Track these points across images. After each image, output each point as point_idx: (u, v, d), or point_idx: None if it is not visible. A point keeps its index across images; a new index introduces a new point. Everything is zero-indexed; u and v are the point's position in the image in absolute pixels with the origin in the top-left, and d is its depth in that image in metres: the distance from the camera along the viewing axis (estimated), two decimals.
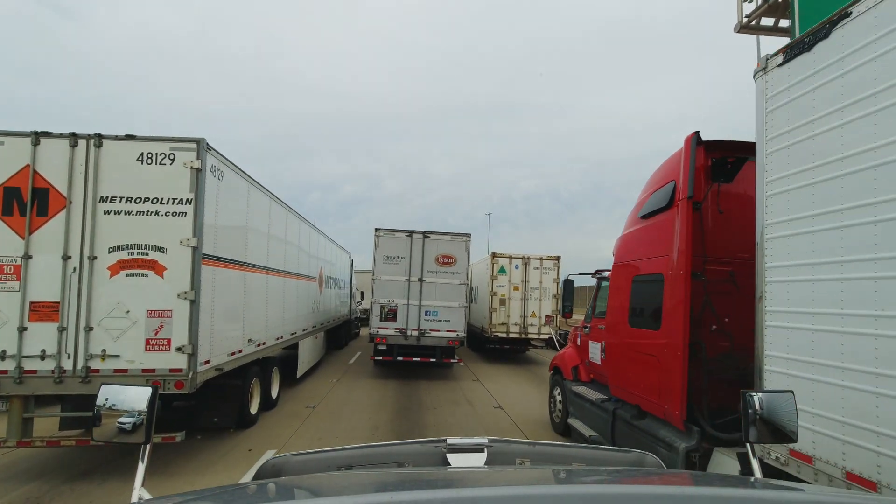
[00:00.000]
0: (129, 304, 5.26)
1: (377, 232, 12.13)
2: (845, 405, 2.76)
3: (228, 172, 6.37)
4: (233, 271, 6.57)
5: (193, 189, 5.45)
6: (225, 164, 6.23)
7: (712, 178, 4.57)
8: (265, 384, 8.09)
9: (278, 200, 8.85)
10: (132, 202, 5.35)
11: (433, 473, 1.54)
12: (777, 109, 3.42)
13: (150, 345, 5.25)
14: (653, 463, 1.75)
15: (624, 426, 5.23)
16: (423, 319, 11.93)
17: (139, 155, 5.39)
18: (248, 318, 7.13)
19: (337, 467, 1.70)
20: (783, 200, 3.33)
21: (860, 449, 2.66)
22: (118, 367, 5.19)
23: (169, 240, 5.38)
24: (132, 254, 5.31)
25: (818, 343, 2.96)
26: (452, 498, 1.05)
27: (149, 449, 1.50)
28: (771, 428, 1.68)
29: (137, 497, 1.35)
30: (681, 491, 1.15)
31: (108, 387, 1.53)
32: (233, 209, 6.59)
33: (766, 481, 1.41)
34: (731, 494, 1.13)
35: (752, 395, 1.71)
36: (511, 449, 1.83)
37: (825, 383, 2.89)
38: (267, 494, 1.33)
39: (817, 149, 3.04)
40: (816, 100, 3.07)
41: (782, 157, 3.36)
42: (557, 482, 1.38)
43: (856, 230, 2.74)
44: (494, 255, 15.74)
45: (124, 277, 5.28)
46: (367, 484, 1.45)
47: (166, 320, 5.30)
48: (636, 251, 5.33)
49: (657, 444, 4.47)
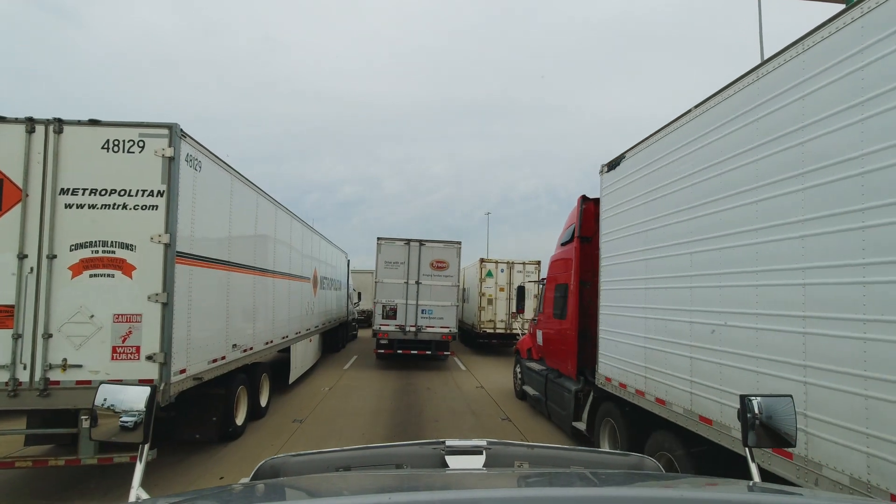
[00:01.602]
0: (93, 307, 4.72)
1: (379, 240, 13.91)
2: (632, 350, 5.12)
3: (208, 164, 5.84)
4: (214, 271, 6.04)
5: (166, 180, 4.91)
6: (204, 153, 5.69)
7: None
8: (253, 392, 7.55)
9: (267, 196, 8.32)
10: (97, 194, 4.81)
11: (431, 475, 1.53)
12: (606, 196, 6.01)
13: (116, 353, 4.71)
14: (651, 466, 1.77)
15: (550, 384, 7.83)
16: (420, 317, 13.59)
17: (104, 142, 4.85)
18: (232, 321, 6.59)
19: (335, 468, 1.70)
20: (608, 246, 5.88)
21: (656, 382, 4.67)
22: (81, 379, 4.64)
23: (138, 236, 4.84)
24: (97, 252, 4.77)
25: (619, 321, 5.48)
26: (450, 500, 1.04)
27: (147, 449, 1.49)
28: (770, 432, 1.66)
29: (135, 496, 1.34)
30: (679, 494, 1.17)
31: (107, 386, 1.51)
32: (214, 204, 6.05)
33: (764, 485, 1.42)
34: (730, 498, 1.15)
35: (752, 399, 1.68)
36: (510, 451, 1.82)
37: (622, 342, 5.37)
38: (265, 495, 1.33)
39: (620, 220, 5.53)
40: (618, 195, 5.62)
41: (609, 222, 5.88)
42: (556, 485, 1.39)
43: (635, 264, 5.13)
44: (483, 259, 18.22)
45: (88, 278, 4.74)
46: (365, 485, 1.44)
47: (135, 325, 4.76)
48: (556, 268, 7.85)
49: (564, 391, 7.13)
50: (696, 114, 4.16)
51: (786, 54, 3.19)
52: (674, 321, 4.36)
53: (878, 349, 2.49)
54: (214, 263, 6.04)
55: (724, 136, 3.79)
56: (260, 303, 7.87)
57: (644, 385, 4.85)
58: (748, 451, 1.67)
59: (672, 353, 4.38)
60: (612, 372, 5.56)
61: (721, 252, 3.75)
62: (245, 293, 7.21)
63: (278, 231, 9.09)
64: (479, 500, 1.03)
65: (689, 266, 4.18)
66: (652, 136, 4.93)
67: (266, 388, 8.32)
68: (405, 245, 13.81)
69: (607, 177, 5.95)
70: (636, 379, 5.01)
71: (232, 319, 6.58)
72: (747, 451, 1.67)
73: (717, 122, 3.89)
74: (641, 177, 5.10)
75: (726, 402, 3.64)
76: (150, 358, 4.75)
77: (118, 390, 1.51)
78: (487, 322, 17.52)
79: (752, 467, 1.62)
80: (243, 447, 6.53)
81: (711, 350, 3.84)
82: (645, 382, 4.84)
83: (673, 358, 4.36)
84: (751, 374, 3.40)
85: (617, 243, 5.58)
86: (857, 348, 2.61)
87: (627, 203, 5.35)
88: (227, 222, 6.48)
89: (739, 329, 3.52)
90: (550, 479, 1.51)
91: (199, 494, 1.26)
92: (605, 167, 6.00)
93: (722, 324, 3.71)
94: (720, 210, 3.77)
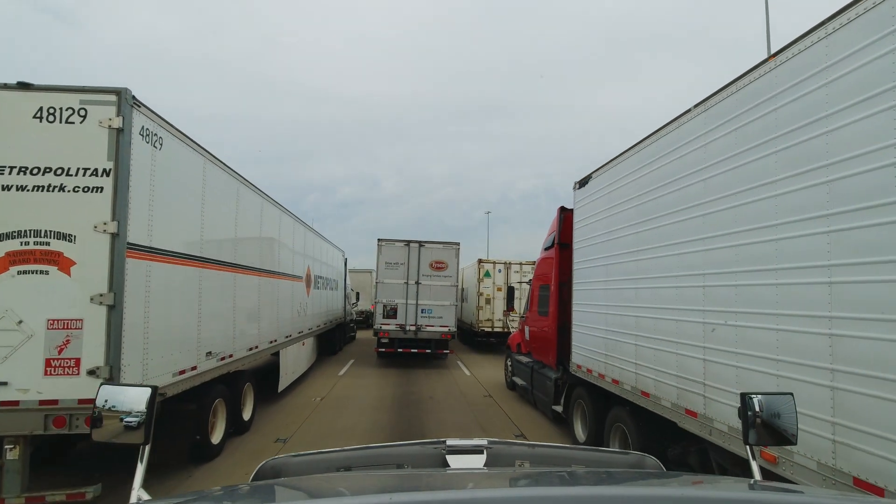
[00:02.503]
0: (21, 311, 3.86)
1: (380, 242, 13.95)
2: (596, 341, 6.04)
3: (173, 142, 4.98)
4: (181, 268, 5.18)
5: (112, 156, 4.06)
6: (166, 129, 4.84)
7: None
8: (233, 405, 6.68)
9: (251, 186, 7.46)
10: (27, 174, 3.95)
11: (432, 475, 1.51)
12: (578, 209, 6.93)
13: (51, 367, 3.86)
14: (652, 465, 1.76)
15: (536, 374, 8.69)
16: (420, 316, 13.70)
17: (37, 110, 3.99)
18: (206, 326, 5.72)
19: (336, 468, 1.69)
20: (579, 252, 6.79)
21: (613, 367, 5.57)
22: (6, 399, 3.78)
23: (79, 224, 3.99)
24: (26, 243, 3.91)
25: (587, 316, 6.39)
26: (451, 499, 1.03)
27: (148, 450, 1.46)
28: (770, 430, 1.62)
29: (136, 497, 1.32)
30: (680, 493, 1.19)
31: (108, 387, 1.50)
32: (180, 189, 5.19)
33: (765, 483, 1.41)
34: (732, 497, 1.14)
35: (752, 396, 1.64)
36: (510, 451, 1.81)
37: (589, 335, 6.29)
38: (266, 495, 1.33)
39: (588, 230, 6.49)
40: (587, 209, 6.57)
41: (580, 232, 6.80)
42: (556, 484, 1.38)
43: (597, 269, 6.08)
44: (481, 260, 18.55)
45: (15, 275, 3.88)
46: (366, 485, 1.45)
47: (74, 333, 3.90)
48: (540, 270, 8.81)
49: (546, 379, 8.01)
50: (644, 146, 5.05)
51: (715, 96, 4.01)
52: (624, 316, 5.30)
53: (749, 335, 3.58)
54: (182, 259, 5.18)
55: (660, 167, 4.71)
56: (242, 304, 7.00)
57: (604, 369, 5.76)
58: (749, 449, 1.63)
59: (623, 342, 5.30)
60: (582, 360, 6.49)
61: (657, 260, 4.70)
62: (223, 294, 6.34)
63: (265, 225, 8.21)
64: (481, 499, 1.02)
65: (636, 271, 5.10)
66: (613, 161, 5.80)
67: (250, 400, 7.46)
68: (405, 246, 13.95)
69: (578, 192, 6.91)
70: (599, 365, 5.93)
71: (205, 324, 5.71)
72: (748, 450, 1.63)
73: (659, 153, 4.75)
74: (603, 195, 6.01)
75: (660, 380, 4.57)
76: (92, 373, 3.89)
77: (119, 391, 1.49)
78: (485, 321, 17.80)
79: (753, 465, 1.58)
80: (217, 470, 5.65)
81: (649, 338, 4.79)
82: (605, 367, 5.75)
83: (624, 346, 5.29)
84: (676, 356, 4.30)
85: (586, 250, 6.52)
86: (770, 336, 3.31)
87: (594, 216, 6.29)
88: (198, 212, 5.61)
89: (667, 321, 4.46)
90: (551, 478, 1.49)
91: (200, 495, 1.25)
92: (577, 184, 6.93)
93: (657, 317, 4.67)
94: (658, 226, 4.68)
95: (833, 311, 2.73)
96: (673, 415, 4.32)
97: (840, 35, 2.77)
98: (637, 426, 5.10)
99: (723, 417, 3.65)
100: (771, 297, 3.20)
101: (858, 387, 2.57)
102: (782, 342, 3.09)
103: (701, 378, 3.93)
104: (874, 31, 2.55)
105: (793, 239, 3.04)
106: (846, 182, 2.67)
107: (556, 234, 7.70)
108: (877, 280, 2.47)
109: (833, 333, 2.73)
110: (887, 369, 2.40)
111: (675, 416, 4.29)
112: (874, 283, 2.49)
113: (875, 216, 2.49)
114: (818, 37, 2.93)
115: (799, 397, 1.86)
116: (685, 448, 4.43)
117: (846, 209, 2.67)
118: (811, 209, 2.91)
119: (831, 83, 2.80)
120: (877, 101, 2.51)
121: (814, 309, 2.86)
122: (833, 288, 2.74)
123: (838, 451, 2.68)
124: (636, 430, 5.10)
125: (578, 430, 6.72)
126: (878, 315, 2.45)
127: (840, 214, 2.71)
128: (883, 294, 2.44)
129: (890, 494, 2.34)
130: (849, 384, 2.62)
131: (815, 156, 2.88)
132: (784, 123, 3.15)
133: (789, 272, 3.06)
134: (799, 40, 3.08)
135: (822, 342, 2.79)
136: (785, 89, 3.16)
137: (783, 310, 3.09)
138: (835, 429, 2.69)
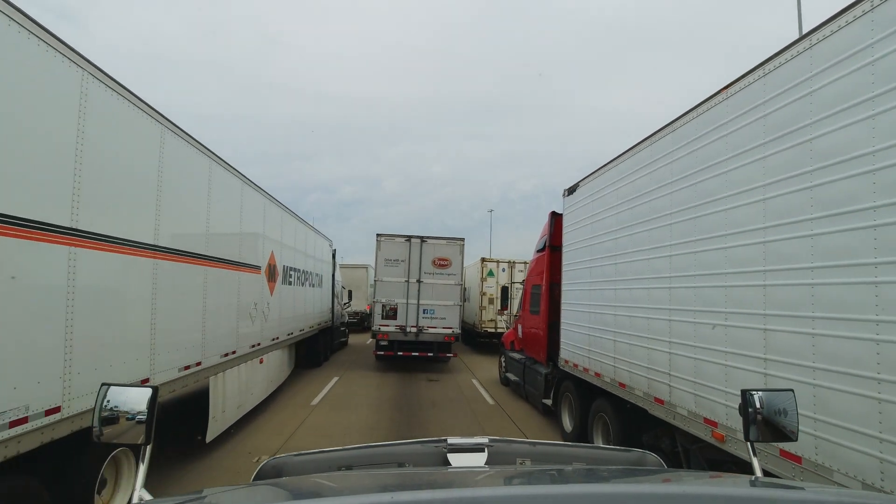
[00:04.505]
0: None
1: (379, 237, 12.98)
2: (581, 338, 6.47)
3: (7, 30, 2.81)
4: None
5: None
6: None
7: None
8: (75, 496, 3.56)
9: (176, 130, 4.99)
10: None
11: (434, 473, 1.53)
12: (567, 215, 7.36)
13: None
14: (653, 462, 1.76)
15: (527, 370, 9.16)
16: (421, 317, 12.79)
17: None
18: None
19: (337, 467, 1.69)
20: (568, 255, 7.24)
21: (595, 361, 6.03)
22: None
23: None
24: None
25: (575, 315, 6.78)
26: (453, 498, 1.03)
27: (149, 450, 1.49)
28: (771, 427, 1.64)
29: (138, 498, 1.33)
30: (682, 490, 1.19)
31: (108, 387, 1.51)
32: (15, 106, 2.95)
33: (767, 480, 1.40)
34: (733, 493, 1.14)
35: (753, 393, 1.66)
36: (511, 448, 1.83)
37: (575, 332, 6.74)
38: (267, 495, 1.33)
39: (575, 235, 6.93)
40: (575, 215, 7.00)
41: (568, 236, 7.24)
42: (558, 482, 1.39)
43: (583, 271, 6.54)
44: (484, 259, 18.11)
45: None
46: (367, 484, 1.44)
47: None
48: (533, 271, 9.27)
49: (537, 375, 8.45)
50: (624, 158, 5.53)
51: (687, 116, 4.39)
52: (604, 314, 5.83)
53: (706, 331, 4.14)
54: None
55: (642, 176, 5.08)
56: (106, 305, 3.94)
57: (588, 364, 6.24)
58: (749, 445, 1.63)
59: (603, 339, 5.81)
60: (570, 356, 6.97)
61: (632, 264, 5.17)
62: (47, 283, 3.28)
63: (168, 168, 4.81)
64: (482, 498, 1.02)
65: (613, 273, 5.62)
66: (596, 172, 6.31)
67: (131, 474, 4.17)
68: (406, 242, 13.02)
69: (567, 199, 7.37)
70: (583, 360, 6.41)
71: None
72: (749, 447, 1.63)
73: (633, 168, 5.25)
74: (588, 203, 6.52)
75: (635, 372, 5.02)
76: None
77: (119, 391, 1.51)
78: (488, 322, 17.33)
79: (753, 462, 1.57)
80: (217, 470, 5.21)
81: (625, 334, 5.29)
82: (589, 362, 6.22)
83: (604, 342, 5.80)
84: (647, 350, 4.79)
85: (574, 253, 7.03)
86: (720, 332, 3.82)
87: (580, 222, 6.76)
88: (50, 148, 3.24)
89: (641, 319, 4.94)
90: (552, 476, 1.50)
91: (200, 495, 1.26)
92: (567, 191, 7.38)
93: (631, 315, 5.15)
94: (632, 234, 5.19)
95: (767, 310, 3.22)
96: (644, 403, 4.82)
97: (821, 48, 2.91)
98: (616, 416, 5.56)
99: (684, 403, 4.17)
100: (720, 297, 3.72)
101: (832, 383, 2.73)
102: (730, 337, 3.60)
103: (667, 369, 4.44)
104: (854, 45, 2.69)
105: (736, 248, 3.55)
106: (823, 189, 2.83)
107: (548, 237, 8.14)
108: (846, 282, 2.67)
109: (767, 329, 3.20)
110: (858, 366, 2.58)
111: (646, 403, 4.79)
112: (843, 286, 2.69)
113: (847, 221, 2.67)
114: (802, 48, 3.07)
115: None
116: (658, 435, 4.93)
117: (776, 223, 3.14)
118: (752, 222, 3.40)
119: (814, 93, 2.93)
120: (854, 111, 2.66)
121: (755, 307, 3.34)
122: (766, 290, 3.24)
123: (819, 447, 2.81)
124: (616, 419, 5.57)
125: (566, 420, 7.22)
126: (848, 315, 2.64)
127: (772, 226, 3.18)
128: (853, 295, 2.62)
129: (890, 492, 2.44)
130: (824, 381, 2.78)
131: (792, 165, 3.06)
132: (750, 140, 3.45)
133: (735, 276, 3.57)
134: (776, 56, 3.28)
135: (757, 336, 3.29)
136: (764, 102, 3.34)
137: (730, 308, 3.61)
138: (816, 424, 2.83)
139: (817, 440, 2.78)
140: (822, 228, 2.82)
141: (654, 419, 4.69)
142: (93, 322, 3.73)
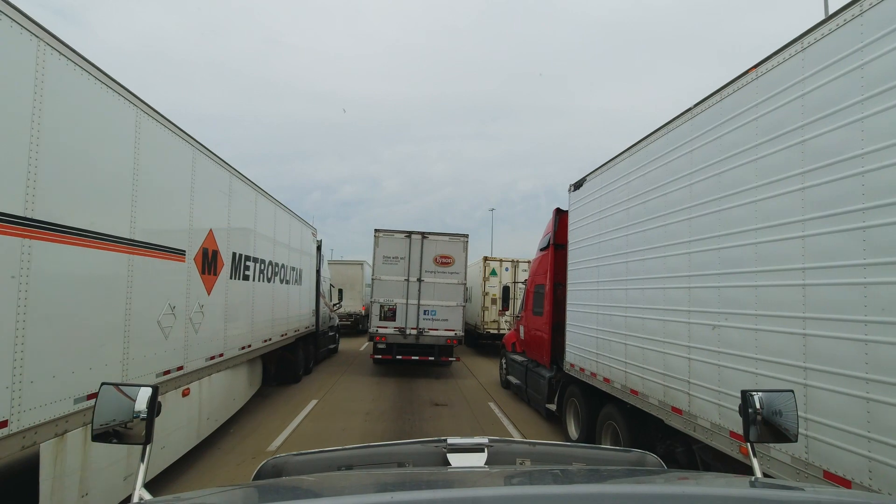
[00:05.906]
0: None
1: (377, 232, 12.21)
2: (588, 340, 6.22)
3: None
4: None
5: None
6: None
7: None
8: None
9: (79, 63, 3.35)
10: None
11: (433, 473, 1.52)
12: (573, 211, 7.05)
13: None
14: (653, 463, 1.76)
15: (530, 373, 8.81)
16: (422, 319, 12.01)
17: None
18: None
19: (337, 467, 1.70)
20: (574, 253, 6.92)
21: (604, 365, 5.76)
22: None
23: None
24: None
25: (581, 316, 6.54)
26: (453, 498, 1.04)
27: (149, 449, 1.48)
28: (771, 428, 1.62)
29: (138, 497, 1.31)
30: (682, 490, 1.21)
31: (108, 387, 1.48)
32: None
33: (766, 481, 1.40)
34: (733, 494, 1.15)
35: (753, 394, 1.65)
36: (511, 449, 1.83)
37: (581, 334, 6.48)
38: (267, 494, 1.31)
39: (582, 232, 6.62)
40: (581, 211, 6.73)
41: (574, 233, 6.92)
42: (558, 482, 1.39)
43: (590, 270, 6.25)
44: (486, 258, 17.43)
45: None
46: (367, 484, 1.44)
47: None
48: (536, 271, 8.91)
49: (540, 378, 8.12)
50: (633, 151, 5.25)
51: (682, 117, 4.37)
52: (614, 316, 5.50)
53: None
54: None
55: (647, 172, 4.90)
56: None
57: (596, 368, 5.92)
58: (749, 446, 1.63)
59: (613, 342, 5.49)
60: (575, 359, 6.66)
61: (645, 262, 4.85)
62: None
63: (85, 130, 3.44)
64: (482, 498, 1.03)
65: (624, 272, 5.28)
66: (605, 165, 5.97)
67: None
68: (406, 238, 12.17)
69: (573, 195, 7.04)
70: (591, 363, 6.09)
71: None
72: (749, 447, 1.63)
73: (647, 159, 4.94)
74: (596, 199, 6.16)
75: (648, 378, 4.71)
76: None
77: (119, 390, 1.49)
78: (491, 323, 16.75)
79: (753, 463, 1.58)
80: (217, 470, 5.57)
81: (637, 337, 4.96)
82: (597, 366, 5.91)
83: (614, 345, 5.47)
84: (662, 354, 4.48)
85: (580, 251, 6.67)
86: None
87: (587, 219, 6.44)
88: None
89: (656, 321, 4.61)
90: (552, 476, 1.50)
91: (201, 495, 1.26)
92: (573, 186, 7.04)
93: (644, 317, 4.84)
94: (645, 230, 4.89)
95: (807, 313, 2.88)
96: (660, 412, 4.46)
97: (814, 50, 2.92)
98: (627, 424, 5.25)
99: (705, 414, 3.80)
100: (749, 298, 3.35)
101: (826, 383, 2.73)
102: (760, 342, 3.23)
103: (686, 377, 4.09)
104: (844, 48, 2.70)
105: (771, 243, 3.19)
106: (817, 190, 2.83)
107: (552, 234, 7.85)
108: (840, 283, 2.64)
109: (807, 333, 2.88)
110: (846, 366, 2.59)
111: (661, 413, 4.43)
112: (839, 286, 2.66)
113: (839, 223, 2.68)
114: (794, 50, 3.07)
115: None
116: (672, 445, 4.57)
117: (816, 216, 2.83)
118: (787, 215, 3.06)
119: (806, 95, 2.95)
120: (845, 113, 2.67)
121: (789, 310, 3.01)
122: (806, 290, 2.89)
123: (810, 446, 2.83)
124: (626, 427, 5.26)
125: (571, 428, 6.86)
126: (841, 315, 2.63)
127: (810, 221, 2.87)
128: (845, 295, 2.62)
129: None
130: (818, 381, 2.78)
131: (790, 165, 3.03)
132: (763, 133, 3.29)
133: (767, 275, 3.21)
134: (774, 55, 3.23)
135: (796, 342, 2.94)
136: (764, 100, 3.31)
137: (761, 311, 3.24)
138: (807, 424, 2.83)
139: (808, 440, 2.82)
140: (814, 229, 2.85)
141: (669, 428, 4.34)
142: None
